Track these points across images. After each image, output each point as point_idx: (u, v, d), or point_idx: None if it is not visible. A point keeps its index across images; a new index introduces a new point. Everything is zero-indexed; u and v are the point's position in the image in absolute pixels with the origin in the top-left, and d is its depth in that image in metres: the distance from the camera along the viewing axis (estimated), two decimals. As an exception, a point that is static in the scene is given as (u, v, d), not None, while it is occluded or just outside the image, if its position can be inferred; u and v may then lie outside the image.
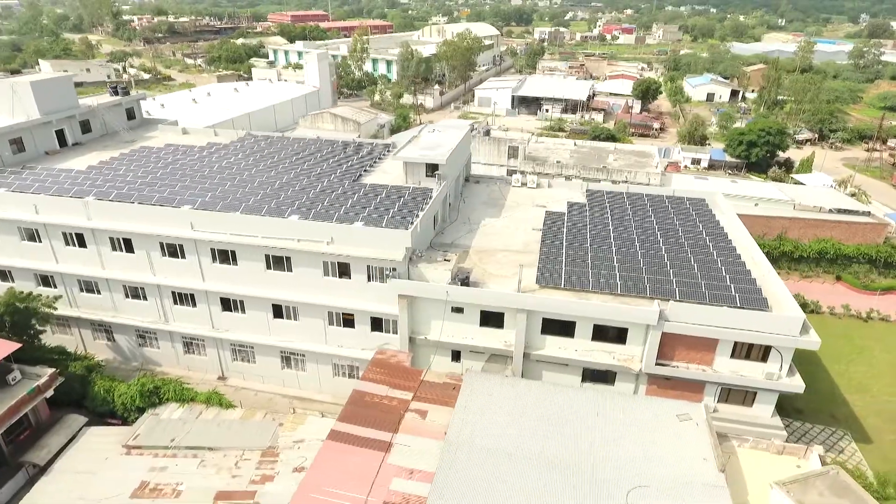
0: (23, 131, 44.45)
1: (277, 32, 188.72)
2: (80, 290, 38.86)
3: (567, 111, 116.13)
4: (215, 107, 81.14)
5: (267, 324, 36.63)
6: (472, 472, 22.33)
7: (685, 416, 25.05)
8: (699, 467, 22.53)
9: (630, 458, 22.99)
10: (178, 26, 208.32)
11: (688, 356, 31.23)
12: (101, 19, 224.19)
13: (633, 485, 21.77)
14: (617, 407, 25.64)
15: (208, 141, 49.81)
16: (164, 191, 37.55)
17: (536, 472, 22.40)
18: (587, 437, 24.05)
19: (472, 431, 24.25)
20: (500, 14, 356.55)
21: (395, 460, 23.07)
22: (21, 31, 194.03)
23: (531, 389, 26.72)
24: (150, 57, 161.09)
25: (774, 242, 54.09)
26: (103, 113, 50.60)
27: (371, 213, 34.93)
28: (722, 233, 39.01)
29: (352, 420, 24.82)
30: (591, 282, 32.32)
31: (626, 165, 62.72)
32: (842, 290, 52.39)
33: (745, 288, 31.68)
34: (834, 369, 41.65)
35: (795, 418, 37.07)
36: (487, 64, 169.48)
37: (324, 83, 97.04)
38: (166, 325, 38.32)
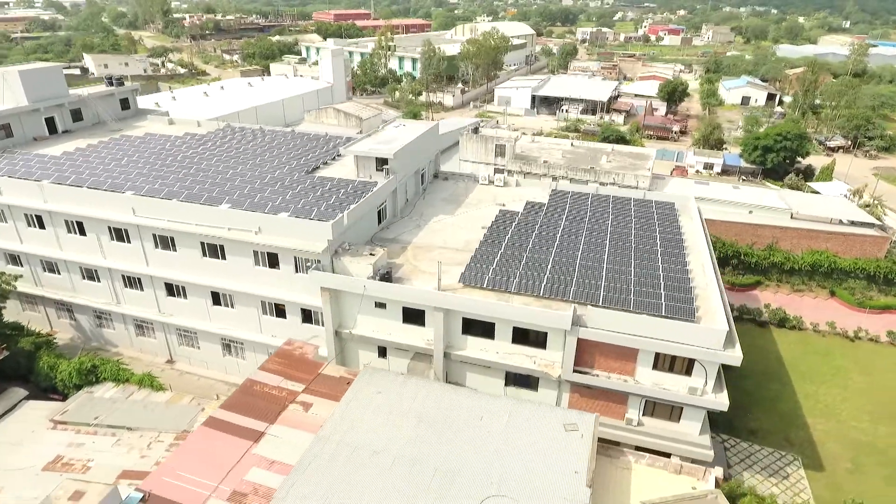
0: (10, 117, 46.82)
1: (314, 30, 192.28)
2: (42, 269, 40.66)
3: (587, 112, 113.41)
4: (224, 101, 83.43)
5: (207, 311, 37.28)
6: (332, 467, 21.96)
7: (572, 427, 23.86)
8: (567, 480, 21.39)
9: (500, 466, 22.08)
10: (224, 24, 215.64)
11: (608, 365, 29.79)
12: (153, 17, 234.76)
13: (491, 493, 20.87)
14: (504, 413, 24.69)
15: (186, 132, 51.17)
16: (119, 177, 38.76)
17: (397, 471, 21.83)
18: (462, 442, 23.26)
19: (347, 427, 23.86)
20: (546, 14, 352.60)
21: (261, 450, 22.97)
22: (79, 27, 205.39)
23: (421, 390, 26.08)
24: (191, 53, 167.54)
25: (764, 252, 51.01)
26: (94, 103, 52.74)
27: (307, 204, 34.97)
28: (677, 238, 37.05)
29: (233, 408, 24.88)
30: (516, 283, 31.28)
31: (617, 167, 60.50)
32: (834, 306, 48.89)
33: (677, 297, 29.92)
34: (803, 389, 38.88)
35: (746, 438, 34.80)
36: (517, 63, 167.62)
37: (337, 79, 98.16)
38: (118, 307, 39.59)
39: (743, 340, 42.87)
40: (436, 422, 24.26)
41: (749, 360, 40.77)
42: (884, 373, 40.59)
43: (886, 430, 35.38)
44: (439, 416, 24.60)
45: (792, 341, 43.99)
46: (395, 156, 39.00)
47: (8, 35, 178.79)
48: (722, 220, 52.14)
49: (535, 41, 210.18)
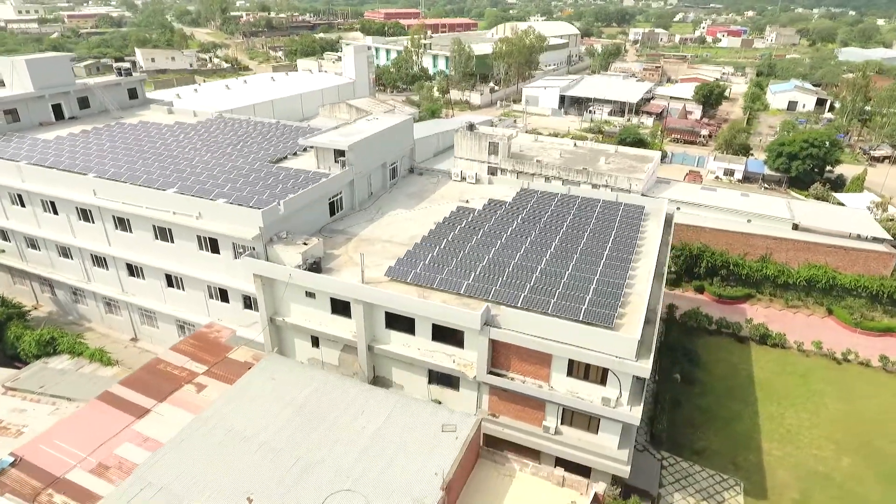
0: (17, 103, 50.06)
1: (358, 29, 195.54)
2: (26, 245, 43.24)
3: (616, 113, 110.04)
4: (244, 94, 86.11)
5: (162, 292, 38.57)
6: (199, 448, 22.21)
7: (450, 429, 23.14)
8: (425, 481, 20.77)
9: (364, 461, 21.74)
10: (276, 22, 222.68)
11: (524, 369, 28.71)
12: (214, 15, 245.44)
13: (343, 488, 20.54)
14: (386, 410, 24.26)
15: (176, 120, 53.14)
16: (94, 161, 40.66)
17: (260, 457, 21.86)
18: (334, 434, 23.03)
19: (228, 411, 24.09)
20: (601, 14, 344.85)
21: (141, 427, 23.52)
22: (142, 23, 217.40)
23: (315, 380, 26.03)
24: (241, 49, 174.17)
25: (757, 264, 47.83)
26: (99, 91, 55.60)
27: (254, 193, 35.54)
28: (631, 242, 35.25)
29: (131, 384, 25.59)
30: (439, 280, 30.66)
31: (614, 169, 58.30)
32: (830, 325, 45.26)
33: (601, 302, 28.49)
34: (767, 411, 36.19)
35: (689, 457, 32.72)
36: (556, 63, 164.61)
37: (360, 75, 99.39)
38: (89, 284, 41.58)
39: (716, 356, 41.02)
40: (317, 413, 24.10)
41: (715, 377, 38.76)
42: (864, 400, 37.23)
43: (849, 463, 32.42)
44: (322, 407, 24.42)
45: (770, 359, 41.04)
46: (351, 148, 39.09)
47: (77, 30, 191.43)
48: (713, 227, 49.30)
49: (580, 41, 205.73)
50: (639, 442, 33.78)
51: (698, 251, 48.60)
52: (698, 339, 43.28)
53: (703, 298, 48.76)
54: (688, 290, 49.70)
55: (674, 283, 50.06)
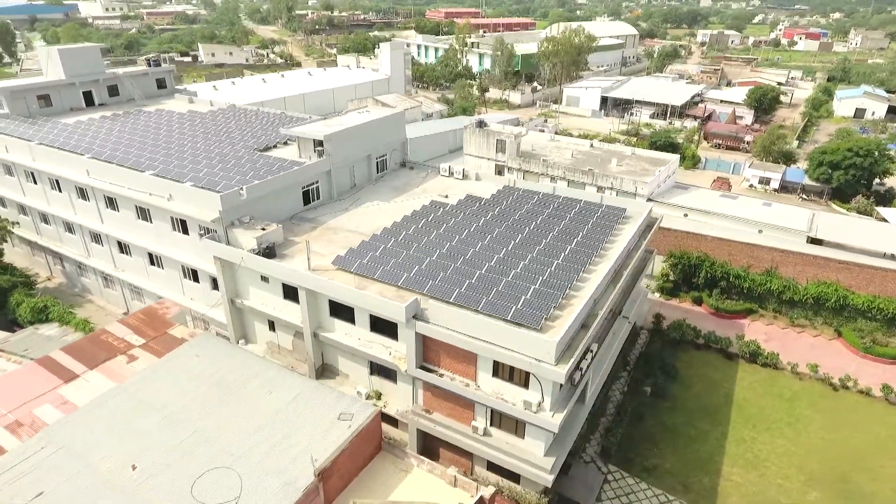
0: (50, 89, 54.05)
1: (413, 27, 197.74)
2: (40, 220, 46.66)
3: (659, 116, 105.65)
4: (277, 88, 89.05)
5: (146, 270, 40.56)
6: (107, 414, 23.24)
7: (346, 417, 23.03)
8: (302, 466, 20.80)
9: (253, 440, 22.11)
10: (337, 20, 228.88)
11: (452, 366, 28.15)
12: (280, 13, 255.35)
13: (224, 465, 20.93)
14: (294, 392, 24.48)
15: (190, 109, 55.68)
16: (96, 143, 43.29)
17: (160, 428, 22.60)
18: (236, 412, 23.50)
19: (146, 383, 25.06)
20: (672, 15, 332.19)
21: (65, 391, 24.87)
22: (214, 20, 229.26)
23: (236, 360, 26.64)
24: (300, 45, 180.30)
25: (761, 277, 44.58)
26: (126, 80, 59.10)
27: (226, 177, 36.73)
28: (594, 245, 33.72)
29: (69, 351, 27.12)
30: (381, 271, 30.56)
31: (623, 172, 56.03)
32: (837, 348, 41.55)
33: (536, 303, 27.47)
34: (738, 434, 33.69)
35: (638, 474, 30.99)
36: (609, 64, 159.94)
37: (395, 72, 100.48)
38: (88, 259, 44.35)
39: (697, 371, 38.74)
40: (229, 390, 24.65)
41: (690, 393, 36.57)
42: (854, 431, 33.94)
43: (817, 497, 29.66)
44: (235, 385, 24.95)
45: (757, 380, 38.20)
46: (327, 138, 39.62)
47: (153, 27, 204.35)
48: (715, 236, 46.37)
49: (639, 42, 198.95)
50: (587, 453, 32.38)
51: (697, 260, 45.89)
52: (683, 352, 40.90)
53: (701, 311, 46.00)
54: (685, 301, 47.04)
55: (671, 293, 47.53)
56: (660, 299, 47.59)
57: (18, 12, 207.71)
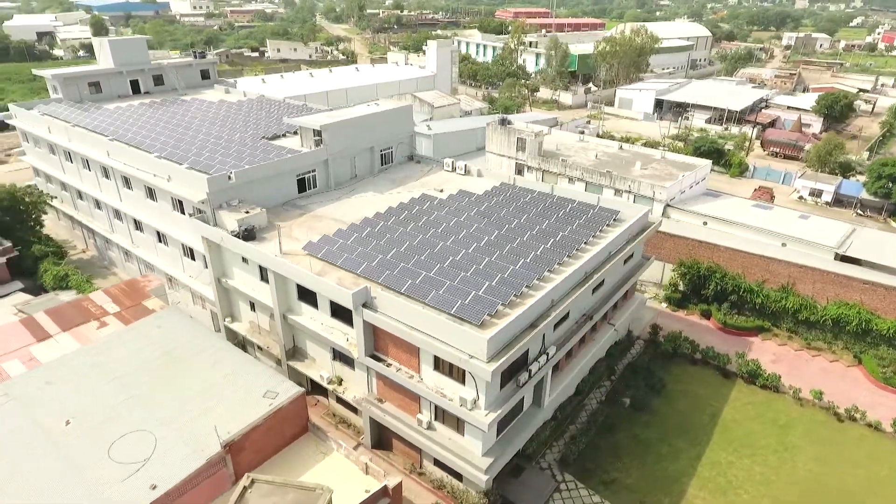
0: (100, 76, 58.48)
1: (476, 27, 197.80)
2: (77, 197, 50.68)
3: (715, 121, 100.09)
4: (322, 82, 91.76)
5: (155, 247, 43.12)
6: (63, 373, 25.07)
7: (271, 395, 23.57)
8: (208, 438, 21.55)
9: (177, 408, 23.10)
10: (405, 19, 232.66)
11: (399, 356, 28.15)
12: (352, 12, 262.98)
13: (142, 429, 22.04)
14: (232, 367, 25.35)
15: (221, 99, 58.49)
16: (122, 127, 46.42)
17: (104, 389, 24.10)
18: (175, 381, 24.72)
19: (103, 348, 26.73)
20: (759, 17, 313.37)
21: (35, 349, 27.09)
22: (289, 18, 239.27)
23: (191, 333, 27.82)
24: (365, 43, 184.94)
25: (776, 294, 41.38)
26: (170, 71, 62.92)
27: (224, 162, 38.41)
28: (571, 245, 32.55)
29: (50, 313, 29.52)
30: (345, 258, 30.98)
31: (645, 176, 53.61)
32: (854, 376, 37.91)
33: (485, 300, 26.93)
34: (714, 457, 31.49)
35: (594, 486, 29.67)
36: (674, 67, 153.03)
37: (441, 69, 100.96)
38: (112, 234, 47.70)
39: (686, 387, 36.86)
40: (175, 360, 25.85)
41: (673, 409, 34.74)
42: (849, 467, 30.85)
43: (786, 531, 27.27)
44: (182, 356, 26.13)
45: (751, 402, 35.53)
46: (325, 128, 40.55)
47: (232, 24, 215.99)
48: (729, 246, 43.46)
49: (713, 44, 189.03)
50: (546, 460, 31.36)
51: (707, 271, 43.24)
52: (676, 366, 38.69)
53: (707, 325, 43.32)
54: (693, 314, 44.45)
55: (678, 304, 45.06)
56: (666, 310, 45.22)
57: (116, 10, 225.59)
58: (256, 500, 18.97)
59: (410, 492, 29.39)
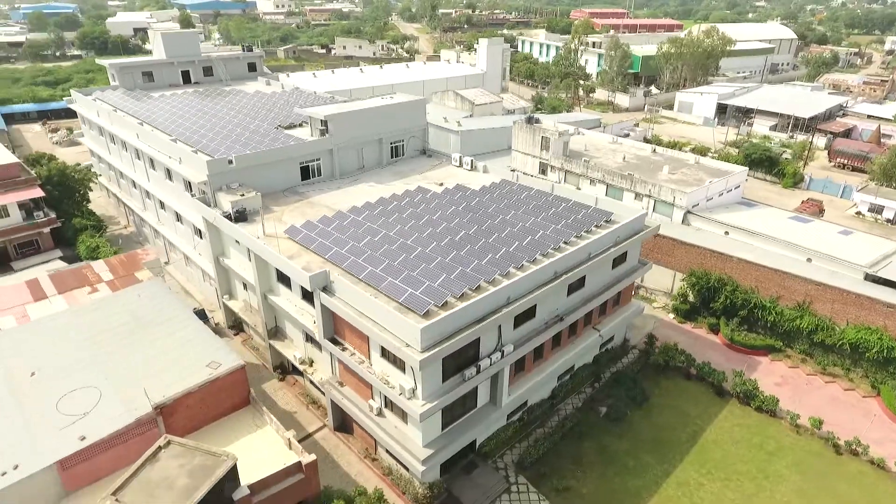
0: (153, 67, 62.92)
1: (544, 26, 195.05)
2: (119, 176, 54.92)
3: (783, 129, 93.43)
4: (371, 78, 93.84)
5: (175, 226, 46.00)
6: (44, 330, 27.45)
7: (213, 365, 24.70)
8: (142, 400, 22.89)
9: (135, 366, 24.85)
10: (475, 19, 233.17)
11: (353, 341, 28.59)
12: (426, 12, 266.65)
13: (92, 385, 23.77)
14: (189, 335, 26.75)
15: (257, 90, 61.22)
16: (158, 113, 49.80)
17: (75, 349, 26.20)
18: (135, 344, 26.43)
19: (87, 310, 28.98)
20: (863, 19, 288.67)
21: (30, 308, 29.78)
22: (364, 17, 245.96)
23: (165, 304, 29.61)
24: (433, 42, 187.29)
25: (791, 312, 38.30)
26: (217, 62, 66.67)
27: (231, 148, 40.40)
28: (546, 244, 31.71)
29: (53, 277, 32.40)
30: (318, 244, 31.82)
31: (673, 181, 51.04)
32: (870, 407, 34.45)
33: (436, 291, 26.86)
34: (683, 477, 29.68)
35: (545, 492, 28.80)
36: (751, 70, 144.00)
37: (492, 67, 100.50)
38: (144, 212, 51.33)
39: (673, 402, 35.52)
40: (141, 327, 27.60)
41: (651, 423, 33.34)
42: (833, 501, 28.14)
43: (742, 562, 25.30)
44: (149, 324, 27.84)
45: (741, 424, 33.12)
46: (329, 118, 41.69)
47: (309, 22, 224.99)
48: (742, 258, 40.63)
49: (801, 47, 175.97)
50: (504, 460, 30.76)
51: (717, 282, 40.68)
52: (667, 379, 36.73)
53: (714, 340, 40.76)
54: (700, 327, 41.96)
55: (686, 316, 42.68)
56: (673, 321, 42.96)
57: (206, 7, 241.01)
58: (166, 460, 20.02)
59: (362, 476, 29.87)
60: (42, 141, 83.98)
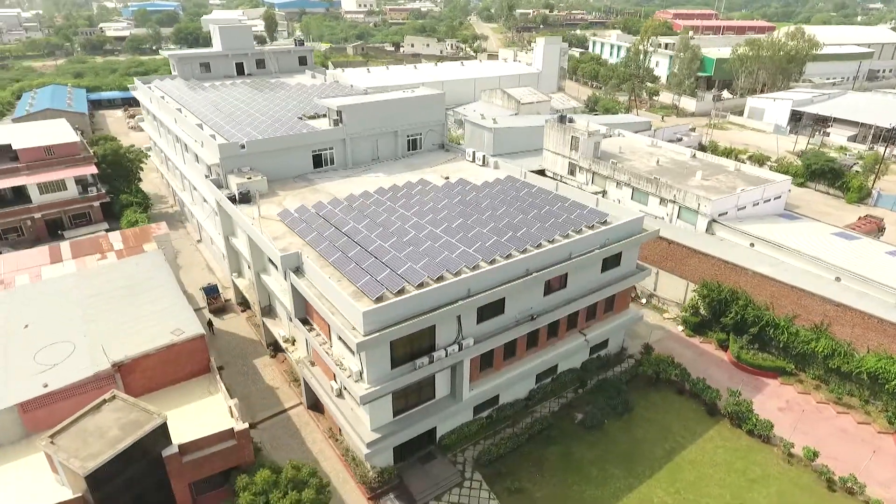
0: (210, 58, 67.03)
1: (620, 28, 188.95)
2: (165, 158, 59.17)
3: (863, 139, 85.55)
4: (422, 75, 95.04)
5: (202, 207, 48.99)
6: (46, 291, 30.31)
7: (177, 332, 26.29)
8: (100, 358, 24.75)
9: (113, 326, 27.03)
10: (551, 19, 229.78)
11: (319, 322, 29.33)
12: (503, 12, 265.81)
13: (73, 340, 26.05)
14: (166, 304, 28.62)
15: (298, 82, 63.72)
16: (201, 101, 53.20)
17: (67, 308, 28.77)
18: (119, 307, 28.63)
19: (89, 275, 31.70)
20: None
21: (45, 269, 32.97)
22: (440, 17, 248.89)
23: (158, 273, 31.87)
24: (505, 41, 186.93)
25: (806, 333, 35.23)
26: (269, 56, 70.06)
27: (247, 134, 42.51)
28: (524, 241, 31.04)
29: (73, 245, 35.56)
30: (302, 227, 32.93)
31: (702, 187, 48.27)
32: (884, 445, 31.05)
33: (394, 279, 27.11)
34: (650, 493, 28.11)
35: (496, 490, 28.32)
36: (842, 77, 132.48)
37: (548, 66, 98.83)
38: (182, 192, 55.06)
39: (657, 416, 34.35)
40: (131, 292, 29.75)
41: (628, 436, 32.47)
42: (809, 541, 25.72)
43: (687, 588, 23.70)
44: (139, 290, 29.99)
45: (727, 447, 30.89)
46: (342, 108, 42.89)
47: (386, 20, 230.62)
48: (756, 271, 37.75)
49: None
50: (465, 455, 30.50)
51: (728, 295, 38.12)
52: (657, 392, 34.88)
53: (721, 357, 38.24)
54: (709, 342, 39.48)
55: (696, 329, 40.30)
56: (681, 333, 40.71)
57: (293, 6, 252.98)
58: (107, 412, 21.65)
59: (322, 455, 30.71)
60: (121, 125, 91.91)
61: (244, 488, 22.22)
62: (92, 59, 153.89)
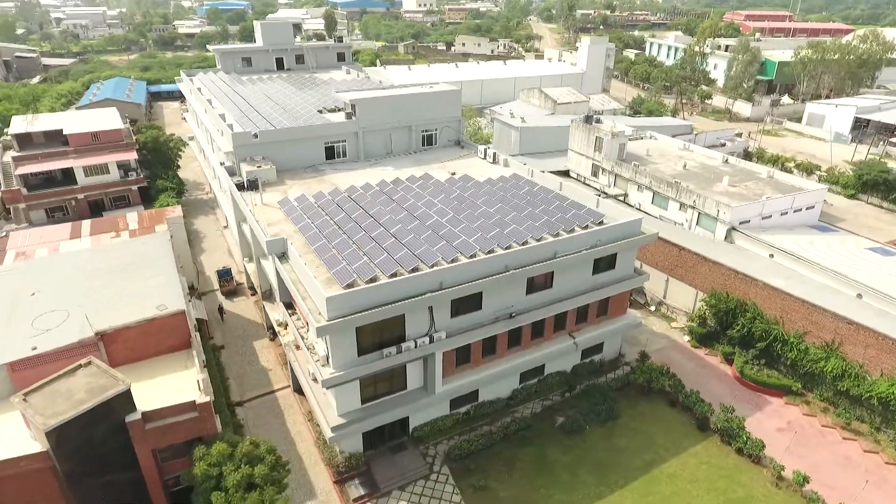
0: (251, 53, 69.78)
1: (681, 29, 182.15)
2: (200, 147, 62.09)
3: (931, 151, 78.91)
4: (463, 73, 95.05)
5: (224, 196, 51.11)
6: (57, 264, 32.54)
7: (161, 308, 27.66)
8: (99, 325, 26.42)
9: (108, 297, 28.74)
10: (611, 19, 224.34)
11: (300, 307, 29.98)
12: (563, 12, 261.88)
13: (69, 308, 27.97)
14: (163, 280, 30.22)
15: (330, 77, 65.29)
16: (231, 94, 55.56)
17: (73, 280, 30.78)
18: (117, 281, 30.33)
19: (99, 251, 33.82)
20: None
21: (63, 245, 35.42)
22: (497, 17, 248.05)
23: (158, 252, 33.41)
24: (561, 41, 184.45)
25: (817, 352, 32.98)
26: (308, 51, 72.14)
27: (266, 125, 44.13)
28: (509, 238, 30.68)
29: (94, 223, 37.92)
30: (296, 215, 33.87)
31: (727, 193, 46.03)
32: (889, 478, 28.70)
33: (369, 268, 27.49)
34: (617, 502, 27.27)
35: (462, 486, 28.19)
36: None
37: (593, 67, 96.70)
38: (213, 179, 57.65)
39: (643, 426, 33.81)
40: (132, 266, 31.46)
41: (609, 444, 31.95)
42: (782, 569, 24.12)
43: None
44: (139, 266, 31.55)
45: (712, 464, 29.41)
46: (355, 102, 43.74)
47: (444, 20, 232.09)
48: (766, 282, 35.59)
49: None
50: (437, 449, 30.50)
51: (736, 307, 36.22)
52: (648, 403, 33.60)
53: (725, 371, 36.38)
54: (714, 354, 37.65)
55: (701, 340, 38.54)
56: (686, 343, 39.02)
57: (354, 6, 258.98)
58: (81, 377, 23.12)
59: (299, 436, 31.55)
60: (175, 115, 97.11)
61: (200, 458, 23.18)
62: (162, 55, 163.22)
